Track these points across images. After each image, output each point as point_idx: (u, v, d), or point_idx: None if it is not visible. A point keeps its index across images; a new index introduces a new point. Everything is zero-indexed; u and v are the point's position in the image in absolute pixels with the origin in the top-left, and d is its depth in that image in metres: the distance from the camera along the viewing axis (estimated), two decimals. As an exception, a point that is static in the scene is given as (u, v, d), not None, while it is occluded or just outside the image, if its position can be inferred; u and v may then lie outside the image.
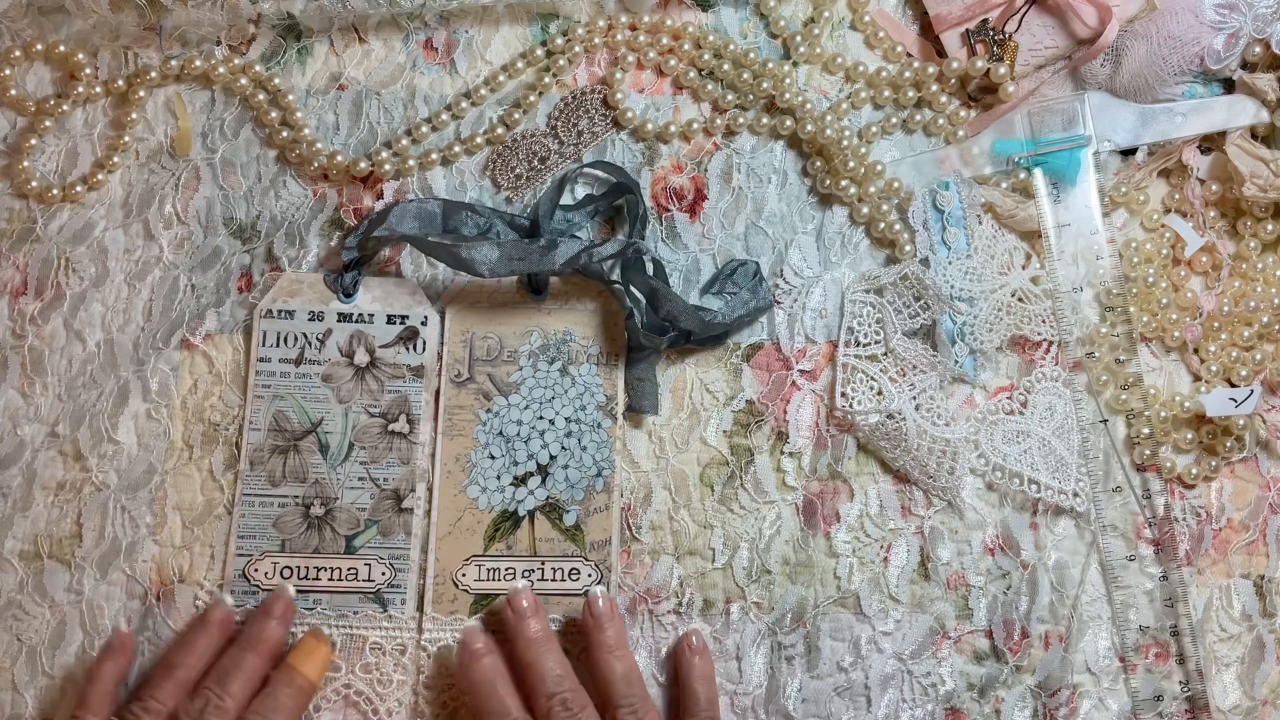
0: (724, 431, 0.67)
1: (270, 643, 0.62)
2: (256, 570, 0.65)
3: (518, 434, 0.66)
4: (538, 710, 0.60)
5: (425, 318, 0.67)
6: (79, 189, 0.68)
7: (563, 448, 0.66)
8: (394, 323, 0.67)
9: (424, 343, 0.67)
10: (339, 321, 0.67)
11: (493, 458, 0.66)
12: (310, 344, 0.67)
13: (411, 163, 0.69)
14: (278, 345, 0.67)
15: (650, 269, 0.67)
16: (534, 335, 0.67)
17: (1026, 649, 0.65)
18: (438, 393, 0.67)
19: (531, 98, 0.69)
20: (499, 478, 0.66)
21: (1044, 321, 0.68)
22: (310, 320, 0.67)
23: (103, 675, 0.62)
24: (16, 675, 0.64)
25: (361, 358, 0.67)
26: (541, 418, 0.66)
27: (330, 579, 0.65)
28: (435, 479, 0.66)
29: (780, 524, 0.66)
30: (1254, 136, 0.69)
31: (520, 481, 0.66)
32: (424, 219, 0.67)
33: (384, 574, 0.65)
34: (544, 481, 0.66)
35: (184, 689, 0.61)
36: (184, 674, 0.61)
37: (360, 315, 0.67)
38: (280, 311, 0.67)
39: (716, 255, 0.69)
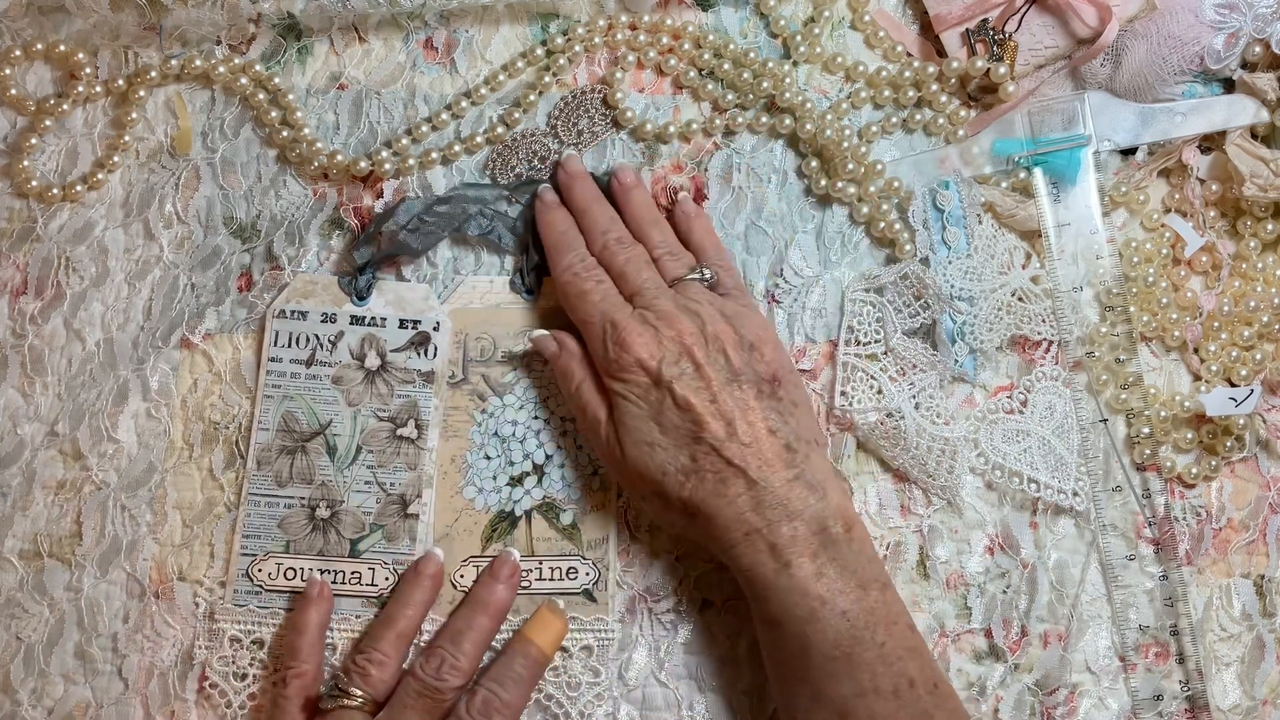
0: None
1: (498, 605, 0.63)
2: (260, 570, 0.65)
3: (513, 434, 0.66)
4: (594, 249, 0.66)
5: (438, 323, 0.67)
6: (79, 188, 0.68)
7: (558, 447, 0.66)
8: (406, 327, 0.67)
9: (435, 348, 0.67)
10: (351, 324, 0.67)
11: (488, 458, 0.66)
12: (322, 346, 0.67)
13: (411, 162, 0.69)
14: (289, 346, 0.67)
15: None
16: (527, 335, 0.67)
17: (1025, 648, 0.65)
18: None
19: (531, 97, 0.69)
20: (495, 478, 0.66)
21: (1044, 321, 0.68)
22: (323, 322, 0.67)
23: (308, 623, 0.63)
24: (13, 673, 0.64)
25: (372, 361, 0.67)
26: (537, 417, 0.67)
27: (334, 582, 0.65)
28: (432, 480, 0.66)
29: (779, 523, 0.66)
30: (1254, 136, 0.69)
31: (516, 481, 0.66)
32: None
33: (387, 579, 0.65)
34: (540, 481, 0.66)
35: (405, 641, 0.63)
36: (404, 625, 0.62)
37: (373, 319, 0.67)
38: (293, 312, 0.67)
39: (716, 255, 0.69)
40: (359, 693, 0.60)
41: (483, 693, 0.61)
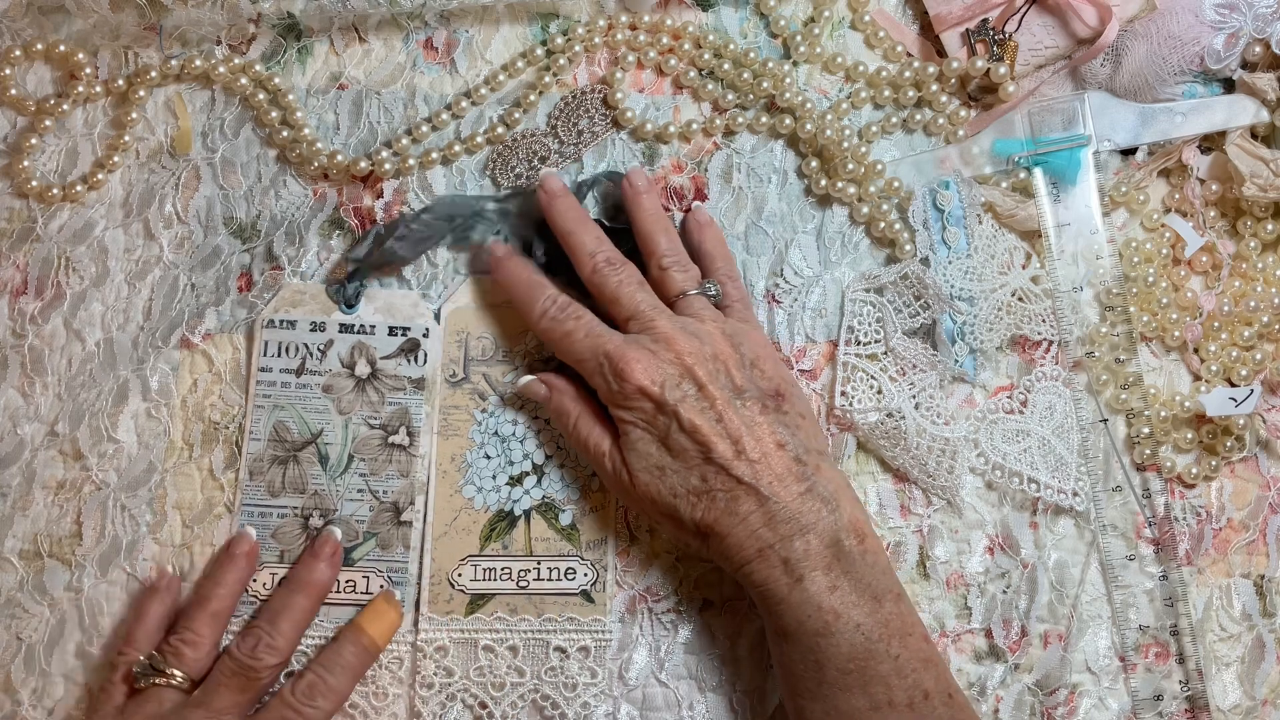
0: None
1: (319, 585, 0.63)
2: (254, 580, 0.65)
3: (513, 434, 0.66)
4: (584, 272, 0.64)
5: (427, 330, 0.67)
6: (79, 189, 0.68)
7: (558, 447, 0.66)
8: (396, 334, 0.67)
9: (425, 355, 0.67)
10: (341, 332, 0.67)
11: (488, 457, 0.66)
12: (311, 355, 0.67)
13: (411, 162, 0.69)
14: (279, 355, 0.67)
15: None
16: (529, 335, 0.67)
17: (1025, 648, 0.65)
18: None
19: (532, 97, 0.69)
20: (495, 477, 0.66)
21: (1044, 321, 0.68)
22: (312, 331, 0.67)
23: (149, 612, 0.63)
24: (14, 673, 0.64)
25: (363, 369, 0.67)
26: (537, 417, 0.66)
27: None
28: (430, 479, 0.66)
29: (779, 523, 0.66)
30: (1254, 136, 0.69)
31: (516, 481, 0.66)
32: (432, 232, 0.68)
33: (382, 587, 0.65)
34: (540, 481, 0.66)
35: (220, 620, 0.62)
36: (217, 605, 0.62)
37: (362, 326, 0.67)
38: (282, 322, 0.67)
39: (716, 255, 0.69)
40: (172, 671, 0.60)
41: (310, 676, 0.61)
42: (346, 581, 0.65)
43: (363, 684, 0.64)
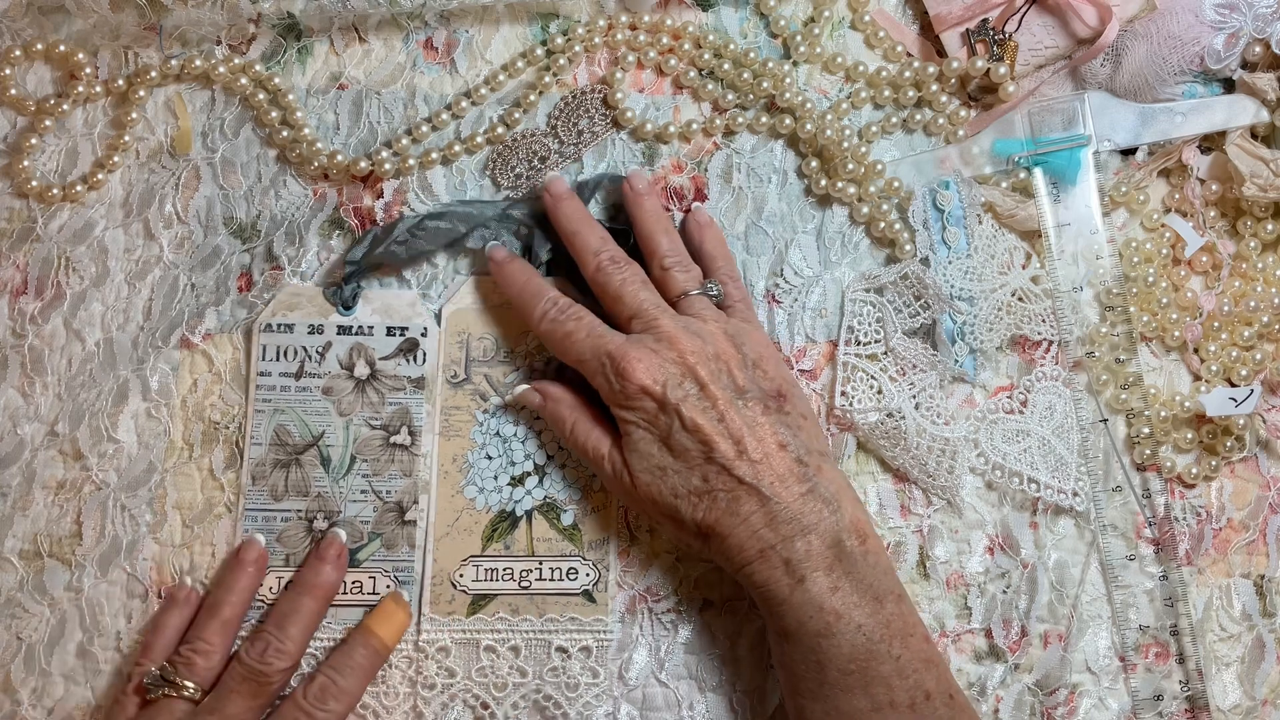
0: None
1: (325, 587, 0.64)
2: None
3: (515, 434, 0.66)
4: (587, 271, 0.65)
5: (425, 329, 0.67)
6: (79, 188, 0.68)
7: (560, 447, 0.66)
8: (394, 334, 0.67)
9: (424, 354, 0.67)
10: (339, 334, 0.67)
11: (490, 458, 0.66)
12: (310, 357, 0.67)
13: (411, 162, 0.69)
14: (278, 359, 0.67)
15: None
16: (530, 336, 0.67)
17: (1025, 648, 0.65)
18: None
19: (532, 97, 0.69)
20: (496, 478, 0.66)
21: (1044, 321, 0.68)
22: (310, 333, 0.67)
23: (167, 624, 0.63)
24: (14, 673, 0.64)
25: (362, 370, 0.67)
26: (538, 418, 0.66)
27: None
28: (432, 480, 0.66)
29: (780, 523, 0.66)
30: (1254, 136, 0.69)
31: (518, 481, 0.66)
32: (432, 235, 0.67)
33: (389, 587, 0.65)
34: (541, 481, 0.66)
35: (230, 629, 0.63)
36: (228, 613, 0.63)
37: (360, 327, 0.67)
38: (279, 325, 0.67)
39: (716, 255, 0.69)
40: (184, 682, 0.60)
41: (321, 679, 0.61)
42: (353, 583, 0.65)
43: (374, 684, 0.64)
